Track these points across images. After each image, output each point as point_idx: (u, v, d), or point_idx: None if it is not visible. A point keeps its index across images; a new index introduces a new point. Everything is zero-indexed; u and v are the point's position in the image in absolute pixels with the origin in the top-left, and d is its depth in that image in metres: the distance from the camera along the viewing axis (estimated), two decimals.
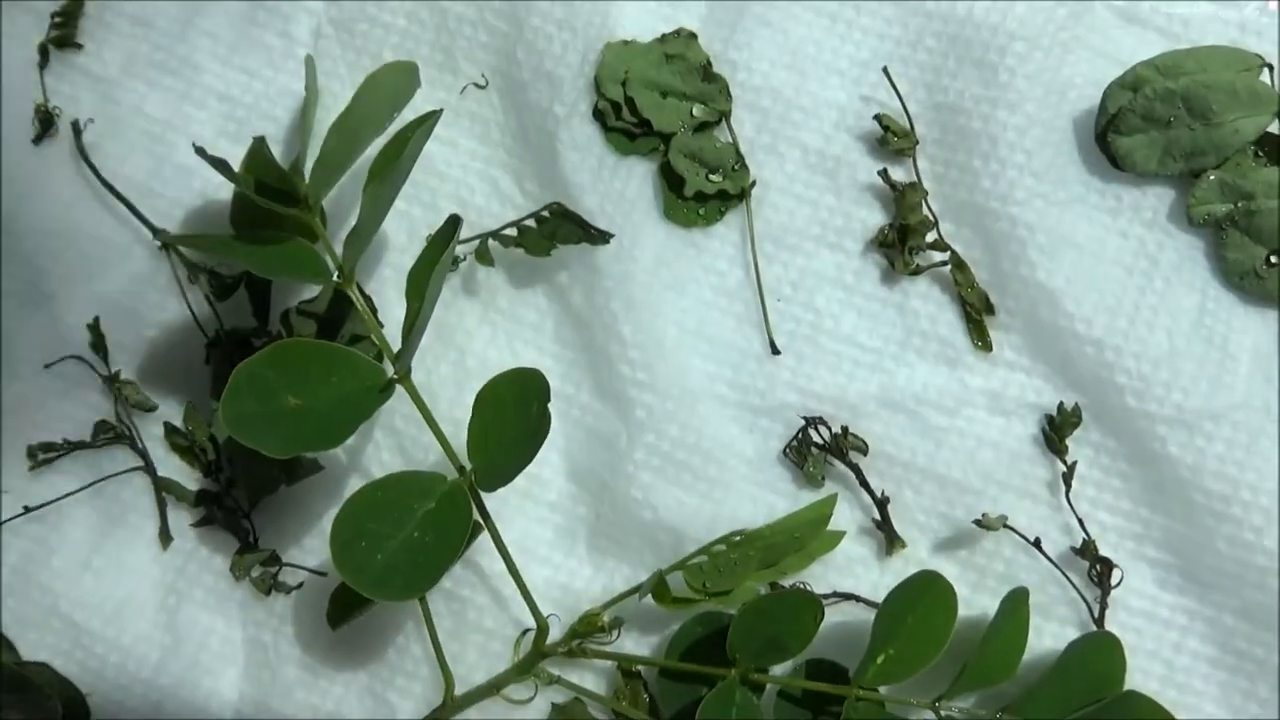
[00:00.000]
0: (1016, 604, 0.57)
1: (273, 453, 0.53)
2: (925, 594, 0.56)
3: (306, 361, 0.55)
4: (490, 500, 0.56)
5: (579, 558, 0.63)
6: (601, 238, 0.63)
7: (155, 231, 0.64)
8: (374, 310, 0.62)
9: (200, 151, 0.56)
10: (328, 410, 0.54)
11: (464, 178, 0.65)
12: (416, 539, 0.53)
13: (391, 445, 0.64)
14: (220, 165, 0.56)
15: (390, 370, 0.56)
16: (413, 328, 0.55)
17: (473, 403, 0.56)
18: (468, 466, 0.56)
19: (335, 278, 0.57)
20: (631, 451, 0.62)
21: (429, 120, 0.57)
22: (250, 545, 0.63)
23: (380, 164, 0.56)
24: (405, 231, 0.65)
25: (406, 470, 0.57)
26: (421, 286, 0.55)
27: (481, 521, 0.56)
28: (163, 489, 0.64)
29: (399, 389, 0.56)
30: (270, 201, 0.57)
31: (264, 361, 0.54)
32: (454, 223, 0.56)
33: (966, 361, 0.62)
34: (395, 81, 0.59)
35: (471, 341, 0.64)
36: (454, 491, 0.55)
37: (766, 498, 0.62)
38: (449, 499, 0.55)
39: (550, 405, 0.55)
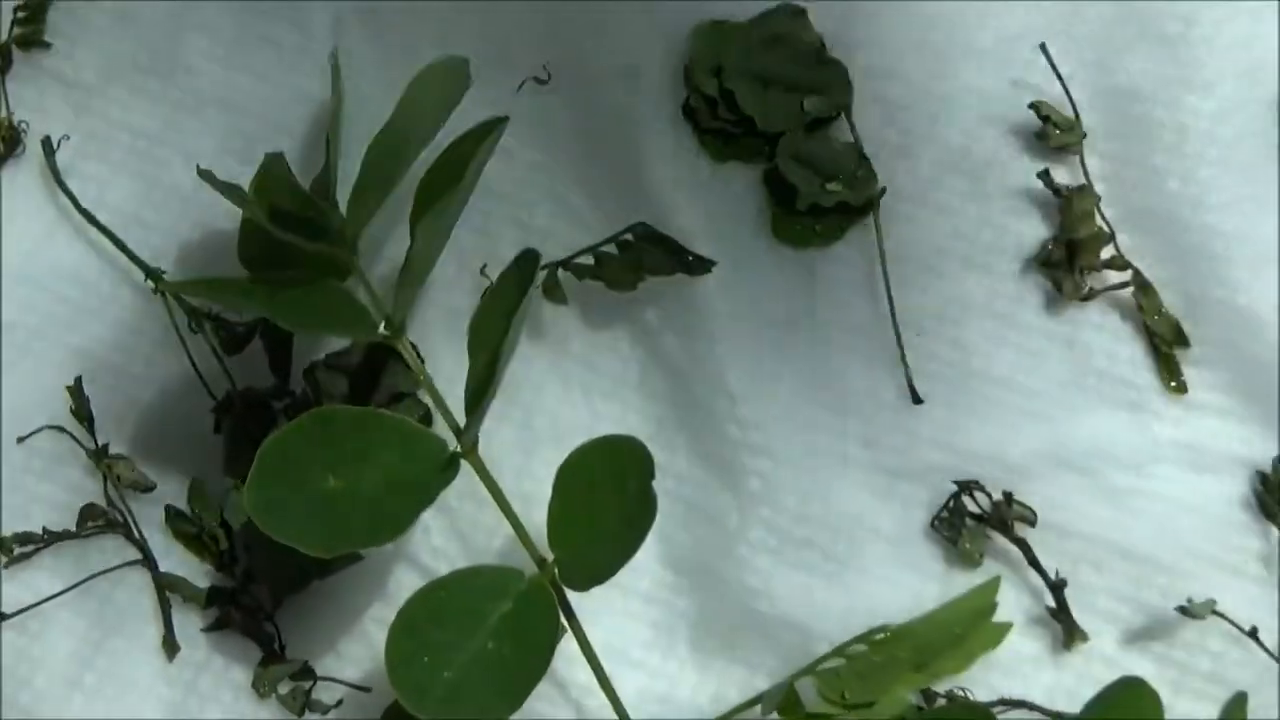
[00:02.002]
0: (1233, 713, 0.56)
1: (314, 550, 0.53)
2: (1127, 706, 0.54)
3: (351, 434, 0.54)
4: (573, 595, 0.56)
5: (680, 660, 0.62)
6: (699, 266, 0.63)
7: (148, 272, 0.65)
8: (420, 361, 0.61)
9: (203, 173, 0.56)
10: (378, 494, 0.54)
11: (524, 195, 0.65)
12: (492, 651, 0.53)
13: (444, 527, 0.63)
14: (228, 190, 0.56)
15: (451, 444, 0.56)
16: (484, 393, 0.54)
17: (554, 480, 0.56)
18: (548, 558, 0.56)
19: (382, 329, 0.57)
20: (744, 530, 0.62)
21: (493, 130, 0.57)
22: (276, 654, 0.63)
23: (435, 188, 0.56)
24: (454, 263, 0.65)
25: (475, 565, 0.57)
26: (492, 341, 0.55)
27: (566, 624, 0.56)
28: (166, 587, 0.63)
29: (463, 465, 0.56)
30: (293, 235, 0.56)
31: (298, 435, 0.54)
32: (531, 261, 0.56)
33: (1154, 407, 0.62)
34: (445, 82, 0.59)
35: (540, 397, 0.64)
36: (534, 591, 0.55)
37: (911, 582, 0.61)
38: (529, 600, 0.54)
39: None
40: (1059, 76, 0.63)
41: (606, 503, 0.55)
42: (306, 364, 0.63)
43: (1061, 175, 0.63)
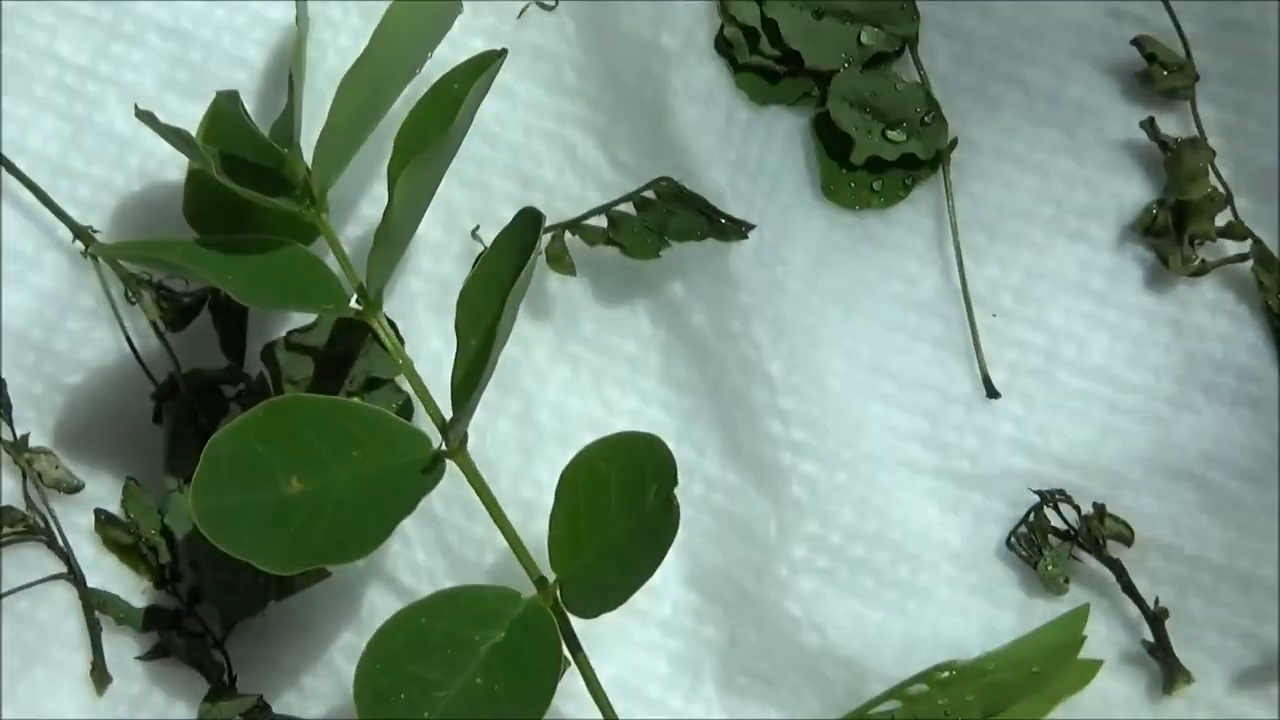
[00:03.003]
0: None
1: (272, 566, 0.53)
2: None
3: (317, 427, 0.54)
4: (578, 622, 0.56)
5: (706, 702, 0.62)
6: (734, 230, 0.62)
7: (76, 231, 0.64)
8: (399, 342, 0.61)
9: (142, 114, 0.55)
10: (349, 500, 0.54)
11: (526, 142, 0.65)
12: (481, 687, 0.53)
13: (428, 540, 0.63)
14: (171, 134, 0.55)
15: (436, 441, 0.56)
16: (475, 380, 0.54)
17: (557, 484, 0.55)
18: (549, 577, 0.56)
19: (354, 303, 0.57)
20: (785, 546, 0.62)
21: (489, 66, 0.56)
22: (226, 687, 0.62)
23: (419, 134, 0.56)
24: (440, 223, 0.64)
25: (463, 586, 0.57)
26: (485, 318, 0.54)
27: (570, 657, 0.56)
28: (96, 606, 0.63)
29: (450, 466, 0.56)
30: (249, 188, 0.56)
31: (254, 428, 0.54)
32: (533, 223, 0.55)
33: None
34: (429, 11, 0.59)
35: (543, 387, 0.64)
36: (533, 616, 0.55)
37: (983, 611, 0.61)
38: (526, 627, 0.54)
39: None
40: (1168, 7, 0.63)
41: (621, 512, 0.54)
42: (264, 343, 0.63)
43: (1169, 125, 0.63)
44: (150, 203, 0.64)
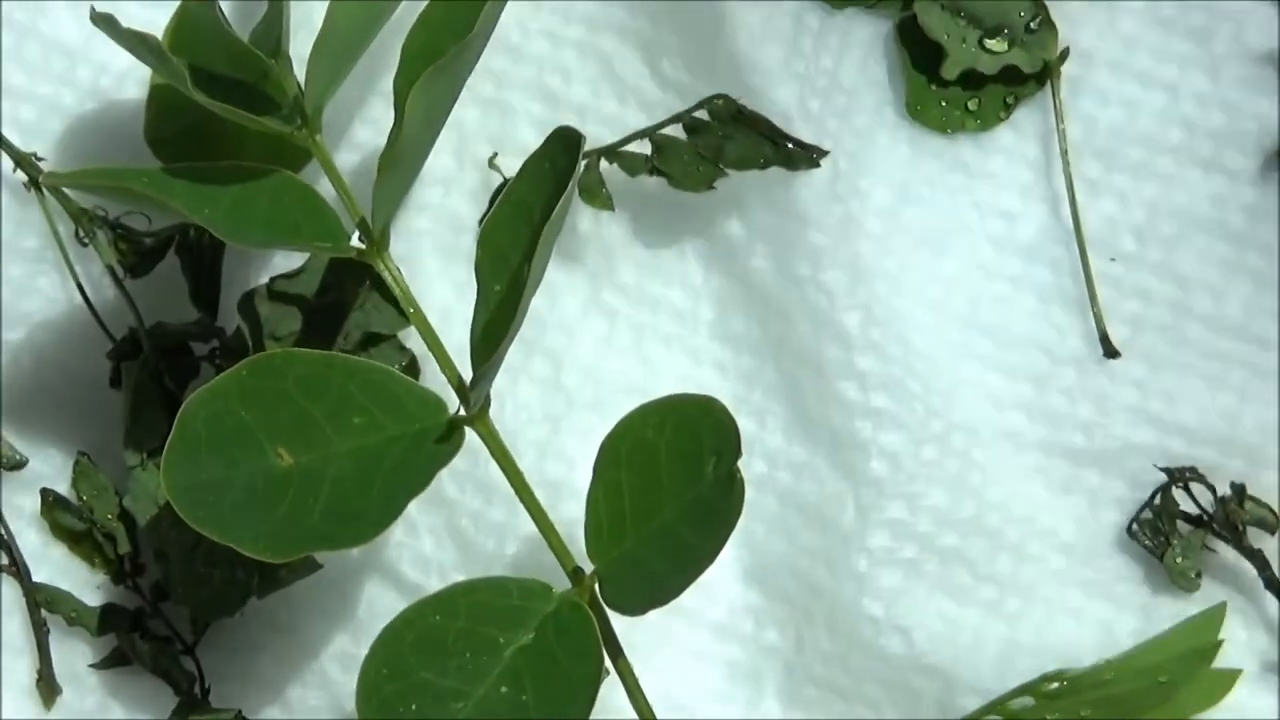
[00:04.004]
0: None
1: (258, 552, 0.53)
2: None
3: (309, 389, 0.55)
4: (619, 622, 0.55)
5: (767, 714, 0.62)
6: (803, 157, 0.61)
7: (18, 160, 0.63)
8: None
9: (97, 17, 0.54)
10: (350, 475, 0.54)
11: (553, 54, 0.65)
12: (505, 698, 0.53)
13: (437, 527, 0.63)
14: (132, 40, 0.54)
15: (453, 406, 0.56)
16: (499, 335, 0.53)
17: (595, 459, 0.55)
18: (586, 569, 0.55)
19: (356, 241, 0.56)
20: (863, 534, 0.61)
21: None
22: (196, 700, 0.62)
23: (429, 43, 0.55)
24: (451, 150, 0.64)
25: (483, 578, 0.56)
26: (510, 261, 0.54)
27: (610, 663, 0.55)
28: (43, 604, 0.63)
29: (468, 436, 0.56)
30: (227, 105, 0.55)
31: (234, 390, 0.54)
32: (570, 146, 0.54)
33: None
34: None
35: (573, 345, 0.64)
36: (567, 614, 0.54)
37: (1099, 610, 0.61)
38: (559, 627, 0.54)
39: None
40: None
41: (672, 490, 0.54)
42: (242, 292, 0.63)
43: None
44: (105, 126, 0.64)
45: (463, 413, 0.55)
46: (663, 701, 0.57)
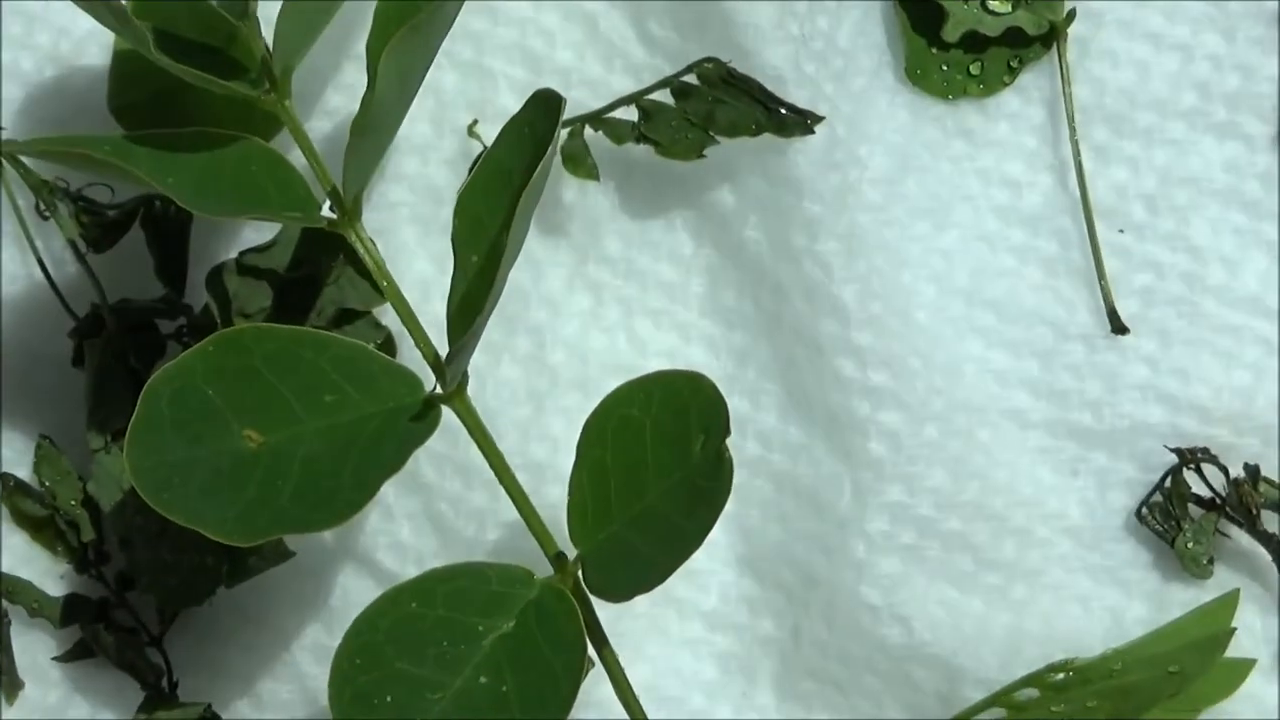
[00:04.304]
0: None
1: (226, 535, 0.53)
2: None
3: (279, 367, 0.55)
4: (606, 613, 0.55)
5: (762, 711, 0.62)
6: (798, 123, 0.61)
7: None
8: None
9: None
10: (320, 456, 0.54)
11: (535, 15, 0.65)
12: (485, 688, 0.53)
13: (414, 511, 0.63)
14: (95, 4, 0.55)
15: (430, 383, 0.56)
16: (476, 308, 0.53)
17: (580, 438, 0.55)
18: (569, 554, 0.55)
19: (327, 211, 0.56)
20: (862, 518, 0.61)
21: None
22: (163, 693, 0.62)
23: (403, 4, 0.55)
24: (428, 116, 0.64)
25: (462, 564, 0.56)
26: (488, 231, 0.54)
27: (594, 653, 0.55)
28: (2, 595, 0.63)
29: (445, 415, 0.56)
30: (193, 69, 0.55)
31: (202, 368, 0.54)
32: (551, 109, 0.54)
33: None
34: None
35: (557, 320, 0.64)
36: (549, 601, 0.54)
37: (1108, 597, 0.61)
38: (541, 614, 0.54)
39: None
40: None
41: (659, 470, 0.54)
42: (210, 267, 0.63)
43: None
44: (65, 92, 0.64)
45: (439, 390, 0.55)
46: (652, 694, 0.57)
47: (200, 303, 0.63)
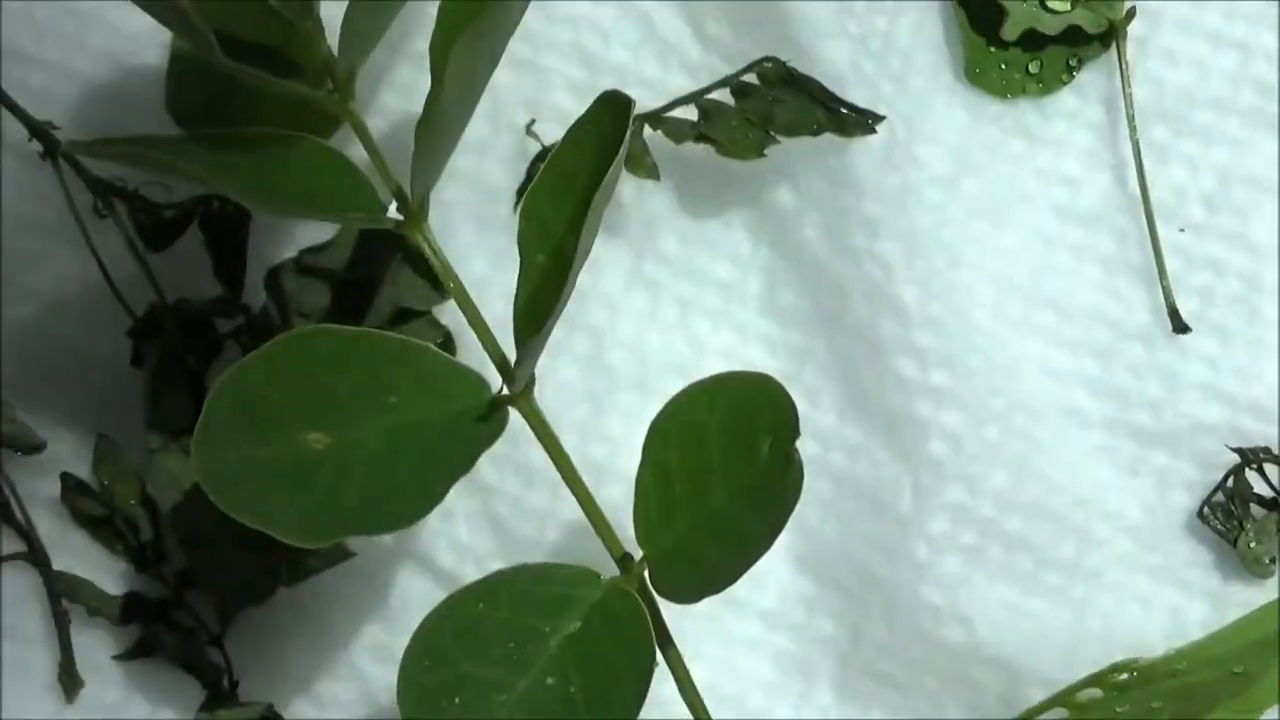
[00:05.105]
0: None
1: (291, 536, 0.53)
2: None
3: (343, 367, 0.55)
4: (663, 611, 0.55)
5: (821, 710, 0.62)
6: (857, 122, 0.62)
7: (33, 129, 0.63)
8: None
9: None
10: (385, 457, 0.54)
11: (591, 15, 0.65)
12: (552, 689, 0.53)
13: (473, 512, 0.63)
14: (154, 3, 0.54)
15: (495, 385, 0.56)
16: (546, 310, 0.53)
17: (645, 440, 0.55)
18: (635, 555, 0.55)
19: (394, 212, 0.56)
20: (922, 519, 0.62)
21: None
22: (224, 693, 0.63)
23: (467, 3, 0.54)
24: (484, 115, 0.63)
25: (526, 565, 0.56)
26: (556, 230, 0.54)
27: (659, 653, 0.54)
28: (63, 593, 0.63)
29: (512, 417, 0.56)
30: (254, 70, 0.55)
31: (265, 369, 0.54)
32: (618, 107, 0.54)
33: None
34: None
35: (615, 320, 0.64)
36: (617, 602, 0.54)
37: (1168, 598, 0.61)
38: (607, 615, 0.54)
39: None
40: None
41: (725, 472, 0.54)
42: (268, 267, 0.63)
43: None
44: (121, 93, 0.64)
45: (505, 391, 0.55)
46: (711, 693, 0.57)
47: (257, 302, 0.63)
